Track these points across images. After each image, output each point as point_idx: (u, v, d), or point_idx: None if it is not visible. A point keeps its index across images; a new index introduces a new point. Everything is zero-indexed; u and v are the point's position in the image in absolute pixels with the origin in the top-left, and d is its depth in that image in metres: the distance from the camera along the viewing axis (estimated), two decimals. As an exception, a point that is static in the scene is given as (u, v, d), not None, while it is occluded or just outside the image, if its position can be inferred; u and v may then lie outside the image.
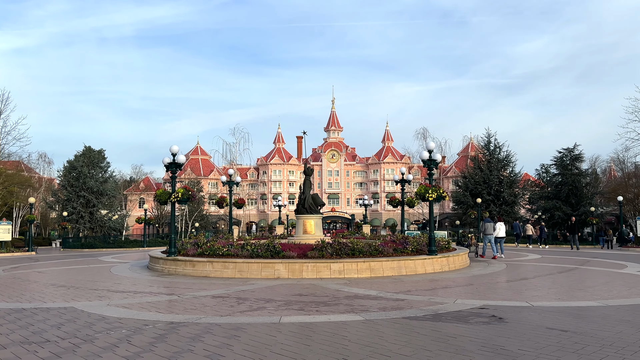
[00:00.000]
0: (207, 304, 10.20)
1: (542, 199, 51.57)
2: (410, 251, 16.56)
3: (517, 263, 19.43)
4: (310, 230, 20.08)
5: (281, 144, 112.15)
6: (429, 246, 16.48)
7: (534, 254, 26.03)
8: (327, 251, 15.43)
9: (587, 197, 49.49)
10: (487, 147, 44.85)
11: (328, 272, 14.59)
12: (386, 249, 16.12)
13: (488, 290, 12.00)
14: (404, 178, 24.44)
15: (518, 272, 16.28)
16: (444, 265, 16.42)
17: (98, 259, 25.15)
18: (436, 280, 14.04)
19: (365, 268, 14.88)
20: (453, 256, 16.99)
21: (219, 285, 13.11)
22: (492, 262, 19.74)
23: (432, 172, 16.55)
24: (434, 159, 16.31)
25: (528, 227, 36.44)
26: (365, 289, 12.25)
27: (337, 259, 14.95)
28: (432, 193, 15.78)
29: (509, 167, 44.20)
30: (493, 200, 42.93)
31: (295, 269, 14.58)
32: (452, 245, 19.08)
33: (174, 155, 16.92)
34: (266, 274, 14.60)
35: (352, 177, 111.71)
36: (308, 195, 20.40)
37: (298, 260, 14.71)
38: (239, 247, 16.16)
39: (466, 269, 16.87)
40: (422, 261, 15.85)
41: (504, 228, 22.23)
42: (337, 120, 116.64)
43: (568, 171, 49.50)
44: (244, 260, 14.93)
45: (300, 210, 20.39)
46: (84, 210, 50.16)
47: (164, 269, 16.55)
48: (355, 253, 15.57)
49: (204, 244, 16.96)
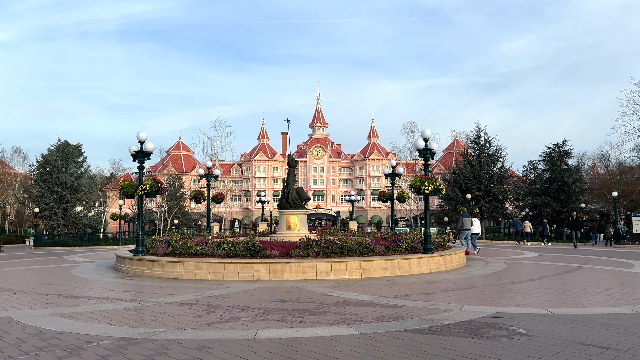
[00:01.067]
0: (171, 314, 8.59)
1: (530, 195, 50.72)
2: (403, 249, 15.11)
3: (517, 262, 18.12)
4: (295, 227, 18.50)
5: (265, 140, 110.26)
6: (425, 244, 15.04)
7: (531, 251, 24.83)
8: (312, 250, 13.90)
9: (576, 193, 48.74)
10: (476, 142, 43.63)
11: (314, 273, 13.06)
12: (378, 247, 14.64)
13: (495, 294, 10.58)
14: (394, 171, 22.98)
15: (521, 272, 14.93)
16: (441, 264, 15.00)
17: (64, 258, 23.25)
18: (434, 281, 12.60)
19: (356, 268, 13.38)
20: (450, 255, 15.58)
21: (189, 289, 11.48)
22: (490, 261, 18.40)
23: (429, 163, 15.09)
24: (430, 148, 14.87)
25: (527, 223, 35.52)
26: (356, 292, 10.73)
27: (324, 259, 13.42)
28: (428, 185, 14.33)
29: (499, 162, 43.05)
30: (483, 196, 41.74)
31: (277, 270, 13.01)
32: (445, 242, 17.70)
33: (141, 143, 15.20)
34: (244, 275, 13.00)
35: (338, 173, 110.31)
36: (292, 188, 18.80)
37: (280, 260, 13.14)
38: (215, 246, 14.53)
39: (464, 269, 15.48)
40: (417, 260, 14.40)
41: (478, 224, 21.88)
42: (322, 117, 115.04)
43: (557, 167, 48.66)
44: (220, 260, 13.31)
45: (283, 206, 18.78)
46: (57, 206, 47.81)
47: (130, 269, 14.85)
48: (344, 252, 14.06)
49: (176, 241, 15.29)
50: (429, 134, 14.87)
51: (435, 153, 15.25)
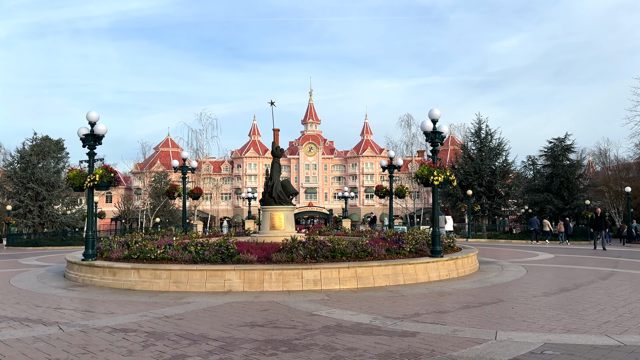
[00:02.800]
0: (92, 348, 6.08)
1: (531, 192, 48.55)
2: (407, 252, 12.66)
3: (536, 266, 15.74)
4: (280, 226, 16.00)
5: (257, 137, 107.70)
6: (433, 245, 12.60)
7: (545, 252, 22.50)
8: (298, 253, 11.42)
9: (579, 190, 46.62)
10: (477, 135, 41.19)
11: (299, 282, 10.59)
12: (377, 250, 12.19)
13: (531, 312, 8.16)
14: (392, 163, 20.52)
15: (547, 278, 12.55)
16: (452, 270, 12.57)
17: (18, 261, 20.60)
18: (448, 293, 10.17)
19: (351, 276, 10.93)
20: (462, 258, 13.16)
21: (137, 306, 8.97)
22: (504, 264, 16.01)
23: (437, 149, 12.63)
24: (439, 131, 12.44)
25: (545, 222, 33.35)
26: (352, 310, 8.28)
27: (312, 264, 10.95)
28: (438, 175, 11.88)
29: (502, 157, 40.70)
30: (485, 192, 39.37)
31: (254, 279, 10.52)
32: (454, 243, 15.25)
33: (92, 125, 12.65)
34: (213, 286, 10.50)
35: (330, 171, 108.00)
36: (277, 181, 16.28)
37: (258, 267, 10.65)
38: (180, 249, 12.01)
39: (479, 275, 13.08)
40: (425, 265, 11.97)
41: (451, 222, 21.36)
42: (315, 113, 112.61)
43: (559, 162, 46.51)
44: (182, 267, 10.80)
45: (266, 201, 16.25)
46: (32, 204, 44.98)
47: (78, 277, 12.30)
48: (336, 255, 11.60)
49: (136, 242, 12.76)
50: (438, 114, 12.42)
51: (445, 137, 12.82)
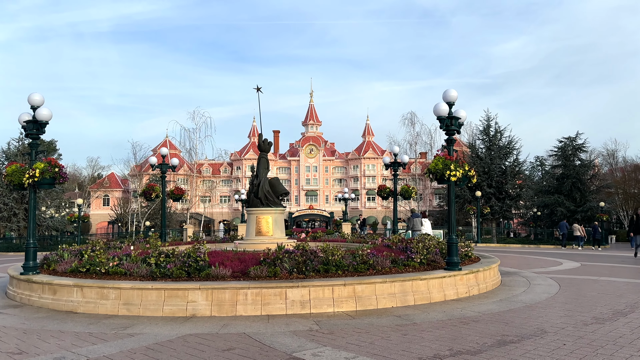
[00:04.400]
0: None
1: (540, 193, 46.23)
2: (417, 264, 10.42)
3: (565, 277, 13.46)
4: (267, 231, 13.77)
5: (256, 138, 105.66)
6: (449, 256, 10.33)
7: (569, 260, 20.23)
8: (282, 266, 9.19)
9: (592, 191, 44.26)
10: (486, 133, 38.79)
11: (282, 304, 8.35)
12: (381, 262, 9.95)
13: (595, 353, 5.91)
14: (397, 160, 18.24)
15: (589, 295, 10.28)
16: (472, 286, 10.33)
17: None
18: (472, 319, 7.92)
19: (348, 296, 8.69)
20: (483, 270, 10.91)
21: (63, 339, 6.75)
22: (529, 275, 13.76)
23: (453, 138, 10.38)
24: (456, 116, 10.21)
25: (575, 227, 31.54)
26: (348, 351, 6.04)
27: (300, 280, 8.72)
28: (455, 170, 9.64)
29: (512, 156, 38.35)
30: (494, 193, 37.00)
31: (224, 301, 8.29)
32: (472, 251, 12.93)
33: (34, 110, 10.45)
34: (172, 309, 8.28)
35: (331, 173, 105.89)
36: (264, 179, 14.04)
37: (230, 285, 8.41)
38: (140, 260, 9.78)
39: (503, 291, 10.83)
40: (440, 281, 9.73)
41: (429, 225, 20.18)
42: (316, 114, 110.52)
43: (570, 162, 44.18)
44: (134, 284, 8.56)
45: (252, 202, 14.01)
46: (17, 206, 42.84)
47: (17, 295, 10.07)
48: (330, 269, 9.36)
49: (92, 251, 10.53)
50: (454, 95, 10.18)
51: (462, 124, 10.57)
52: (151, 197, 18.09)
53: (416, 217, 19.97)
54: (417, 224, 19.51)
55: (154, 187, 18.24)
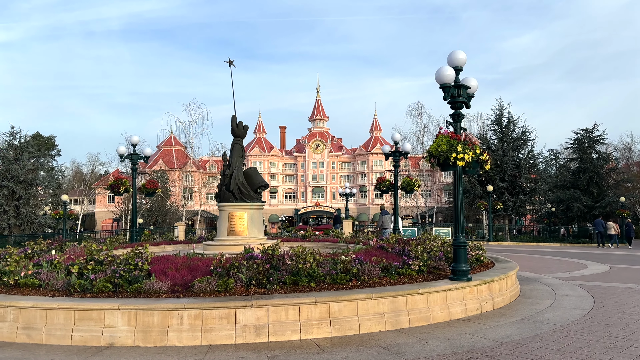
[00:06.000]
0: None
1: (555, 188, 43.68)
2: (416, 272, 8.27)
3: (596, 285, 11.21)
4: (241, 230, 11.67)
5: (262, 134, 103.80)
6: (456, 262, 8.16)
7: (596, 262, 17.96)
8: (237, 277, 7.10)
9: (610, 186, 41.64)
10: (498, 123, 36.23)
11: (230, 330, 6.27)
12: (368, 270, 7.82)
13: None
14: (398, 149, 16.02)
15: (633, 313, 8.06)
16: (485, 300, 8.16)
17: None
18: (489, 353, 5.78)
19: (320, 317, 6.58)
20: (499, 280, 8.73)
21: None
22: (552, 282, 11.53)
23: (462, 114, 8.14)
24: (464, 84, 8.02)
25: (610, 224, 29.51)
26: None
27: (257, 298, 6.62)
28: (463, 152, 7.43)
29: (526, 147, 35.83)
30: (507, 188, 34.53)
31: (152, 326, 6.23)
32: (484, 254, 10.76)
33: None
34: (84, 336, 6.23)
35: (338, 169, 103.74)
36: (237, 169, 11.89)
37: (159, 305, 6.33)
38: (63, 268, 7.74)
39: (523, 306, 8.65)
40: (443, 295, 7.58)
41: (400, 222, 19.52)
42: (323, 110, 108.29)
43: (587, 155, 41.58)
44: (37, 302, 6.50)
45: (223, 196, 11.87)
46: (7, 203, 41.20)
47: None
48: (299, 280, 7.24)
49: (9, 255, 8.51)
50: (463, 58, 7.94)
51: (473, 96, 8.38)
52: (119, 191, 16.07)
53: (385, 214, 18.90)
54: (386, 222, 18.55)
55: (123, 181, 16.21)
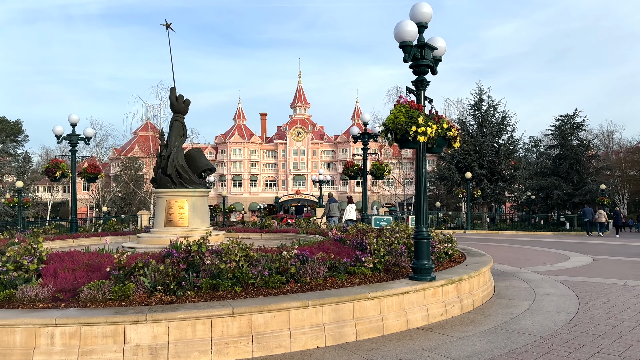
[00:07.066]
0: None
1: (535, 175, 42.86)
2: (370, 271, 6.91)
3: (580, 281, 10.00)
4: (180, 220, 10.18)
5: (242, 121, 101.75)
6: (417, 258, 6.81)
7: (578, 253, 16.92)
8: (139, 281, 5.64)
9: (590, 173, 40.94)
10: (477, 108, 35.05)
11: (117, 352, 4.81)
12: (310, 269, 6.43)
13: None
14: (367, 130, 14.58)
15: (624, 318, 6.82)
16: (452, 303, 6.84)
17: None
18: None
19: (240, 333, 5.17)
20: (469, 279, 7.42)
21: None
22: (531, 278, 10.31)
23: (425, 80, 6.71)
24: (429, 44, 6.59)
25: (601, 212, 29.07)
26: None
27: (160, 308, 5.18)
28: (425, 125, 5.99)
29: (506, 133, 34.78)
30: (486, 174, 33.46)
31: (13, 348, 4.72)
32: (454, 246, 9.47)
33: None
34: None
35: (320, 156, 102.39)
36: (176, 150, 10.30)
37: (26, 319, 4.83)
38: None
39: (497, 309, 7.37)
40: (400, 299, 6.24)
41: (354, 211, 18.44)
42: (304, 96, 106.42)
43: (568, 142, 40.77)
44: None
45: (160, 181, 10.33)
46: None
47: None
48: (220, 284, 5.80)
49: None
50: (428, 12, 6.43)
51: (440, 60, 6.97)
52: (55, 176, 14.39)
53: (333, 202, 18.03)
54: (333, 210, 17.69)
55: (59, 164, 14.50)
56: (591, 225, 29.59)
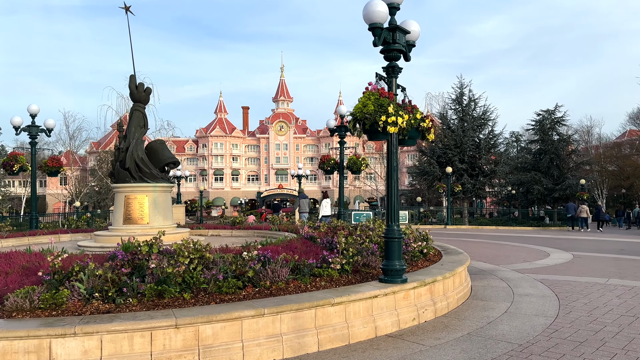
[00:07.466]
0: None
1: (516, 170, 42.90)
2: (337, 273, 6.40)
3: (561, 280, 9.64)
4: (140, 217, 9.53)
5: (223, 114, 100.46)
6: (388, 259, 6.32)
7: (558, 249, 16.68)
8: (74, 288, 5.03)
9: (570, 168, 41.11)
10: (458, 102, 34.78)
11: (39, 371, 4.21)
12: (271, 271, 5.88)
13: None
14: (345, 123, 14.07)
15: (607, 321, 6.43)
16: (425, 307, 6.37)
17: None
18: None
19: (185, 346, 4.61)
20: (443, 280, 6.95)
21: None
22: (510, 277, 9.92)
23: (398, 66, 6.18)
24: (402, 27, 6.07)
25: (583, 208, 28.95)
26: None
27: (87, 322, 4.59)
28: (396, 114, 5.46)
29: (487, 127, 34.59)
30: (467, 169, 33.24)
31: None
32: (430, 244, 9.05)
33: None
34: None
35: (303, 151, 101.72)
36: (136, 142, 9.62)
37: None
38: None
39: (472, 312, 6.93)
40: (368, 304, 5.74)
41: (329, 206, 18.15)
42: (287, 90, 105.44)
43: (548, 137, 40.84)
44: None
45: (119, 175, 9.64)
46: None
47: None
48: (166, 290, 5.21)
49: None
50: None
51: (414, 45, 6.47)
52: (13, 170, 13.58)
53: (303, 197, 17.90)
54: (302, 205, 17.48)
55: (18, 157, 13.69)
56: (574, 220, 29.66)
